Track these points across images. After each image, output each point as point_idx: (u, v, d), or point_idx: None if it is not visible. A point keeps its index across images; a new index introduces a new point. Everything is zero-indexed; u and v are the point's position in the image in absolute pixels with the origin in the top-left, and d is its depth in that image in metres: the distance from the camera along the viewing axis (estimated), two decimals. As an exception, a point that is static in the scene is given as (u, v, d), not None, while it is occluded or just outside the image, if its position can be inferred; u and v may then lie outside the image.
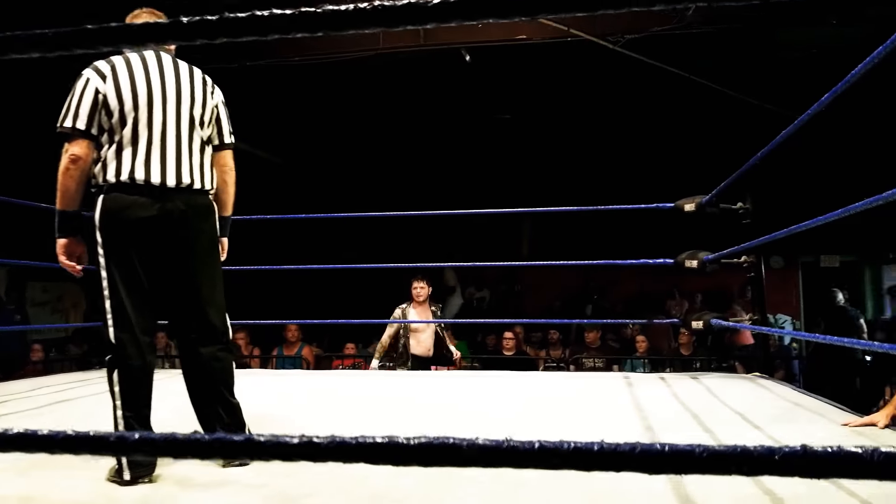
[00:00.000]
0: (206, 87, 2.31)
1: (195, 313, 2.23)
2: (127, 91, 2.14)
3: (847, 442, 2.42)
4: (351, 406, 3.39)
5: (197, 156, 2.23)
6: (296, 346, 6.86)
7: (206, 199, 2.27)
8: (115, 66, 2.17)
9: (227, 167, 2.38)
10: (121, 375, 2.12)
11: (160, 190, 2.15)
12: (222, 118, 2.35)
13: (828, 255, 12.17)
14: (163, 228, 2.15)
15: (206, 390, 2.24)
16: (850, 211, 2.24)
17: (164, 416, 2.38)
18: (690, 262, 4.28)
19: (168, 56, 2.27)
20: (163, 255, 2.17)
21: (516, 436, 2.41)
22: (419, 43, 5.74)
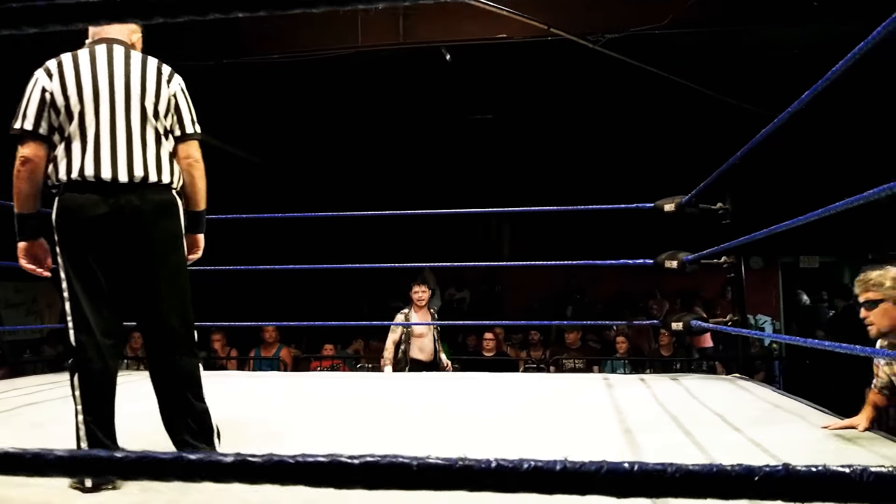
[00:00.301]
0: (162, 75, 2.17)
1: (154, 316, 2.15)
2: (72, 86, 2.06)
3: (827, 445, 2.40)
4: (323, 409, 3.32)
5: (152, 148, 2.11)
6: (274, 348, 6.76)
7: (165, 194, 2.14)
8: (63, 62, 2.10)
9: (192, 159, 2.23)
10: (80, 379, 2.05)
11: (112, 186, 2.05)
12: (182, 108, 2.21)
13: (807, 256, 12.24)
14: (116, 226, 2.06)
15: (171, 396, 2.16)
16: (830, 211, 2.21)
17: (135, 420, 2.30)
18: (670, 262, 4.25)
19: (121, 48, 2.16)
20: (119, 255, 2.08)
21: (489, 440, 2.36)
22: (399, 41, 5.66)
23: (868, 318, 2.49)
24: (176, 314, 2.14)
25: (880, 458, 2.17)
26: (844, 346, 1.91)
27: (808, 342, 2.33)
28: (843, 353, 2.01)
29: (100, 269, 2.06)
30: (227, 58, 5.91)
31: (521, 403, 3.46)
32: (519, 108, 8.10)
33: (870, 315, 2.48)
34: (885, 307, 2.44)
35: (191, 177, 2.23)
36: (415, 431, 2.76)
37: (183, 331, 2.16)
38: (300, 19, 5.95)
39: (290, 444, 2.49)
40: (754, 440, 2.46)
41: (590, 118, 8.15)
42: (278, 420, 2.97)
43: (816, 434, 2.55)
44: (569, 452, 2.11)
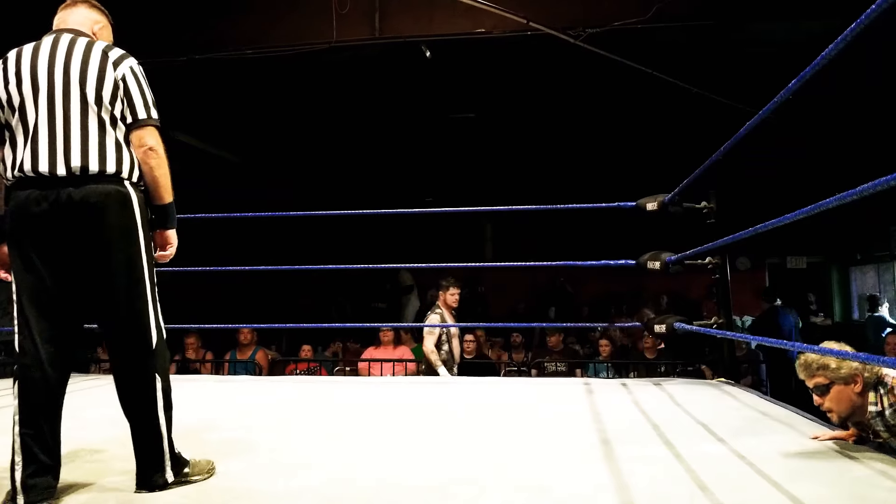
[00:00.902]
0: (108, 59, 2.01)
1: (105, 317, 1.98)
2: (13, 79, 1.98)
3: (816, 457, 2.25)
4: (291, 417, 3.14)
5: (94, 137, 1.95)
6: (249, 350, 6.55)
7: (111, 186, 1.96)
8: (9, 57, 2.03)
9: (146, 147, 2.03)
10: (20, 388, 1.90)
11: (50, 180, 1.92)
12: (132, 92, 2.02)
13: (795, 257, 12.18)
14: (58, 223, 1.91)
15: (127, 406, 1.99)
16: (819, 208, 2.05)
17: (100, 427, 2.12)
18: (653, 263, 4.11)
19: (69, 36, 2.03)
20: (63, 253, 1.93)
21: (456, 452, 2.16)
22: (374, 35, 5.50)
23: (824, 405, 2.30)
24: (128, 315, 1.96)
25: (874, 472, 2.02)
26: (841, 351, 1.76)
27: (797, 346, 2.17)
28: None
29: (45, 269, 1.93)
30: (199, 54, 5.73)
31: (494, 410, 3.30)
32: (500, 107, 7.96)
33: (824, 401, 2.29)
34: (837, 390, 2.25)
35: (147, 167, 2.04)
36: (379, 443, 2.59)
37: (137, 333, 1.98)
38: (274, 13, 5.79)
39: (251, 461, 2.32)
40: (739, 452, 2.31)
41: (571, 115, 8.03)
42: (242, 429, 2.80)
43: (805, 445, 2.40)
44: (541, 466, 1.96)
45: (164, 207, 2.09)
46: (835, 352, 1.73)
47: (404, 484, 2.03)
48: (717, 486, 1.93)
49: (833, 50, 1.94)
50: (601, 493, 1.92)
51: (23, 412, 1.88)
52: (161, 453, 1.97)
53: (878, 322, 9.36)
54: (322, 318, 10.29)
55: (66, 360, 1.97)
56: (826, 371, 2.24)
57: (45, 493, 1.84)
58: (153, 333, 1.99)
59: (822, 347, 1.84)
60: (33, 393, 1.89)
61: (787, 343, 1.70)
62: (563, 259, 5.03)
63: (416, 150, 9.54)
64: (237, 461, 2.26)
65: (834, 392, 2.26)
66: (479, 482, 2.03)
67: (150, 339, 1.99)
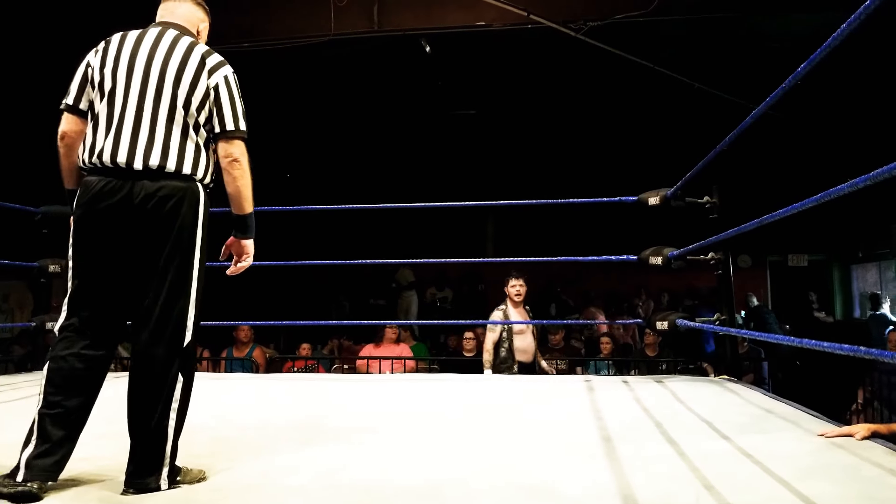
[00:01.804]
0: (205, 66, 2.03)
1: (149, 306, 1.95)
2: (110, 64, 2.01)
3: (824, 456, 2.19)
4: (283, 413, 3.08)
5: (177, 138, 1.99)
6: (247, 348, 6.51)
7: (183, 184, 1.98)
8: (111, 40, 2.07)
9: (231, 158, 2.07)
10: (49, 369, 1.90)
11: (126, 172, 1.95)
12: (223, 102, 2.05)
13: (796, 255, 12.13)
14: (128, 214, 1.93)
15: (137, 402, 1.93)
16: (822, 199, 2.00)
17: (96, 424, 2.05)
18: (655, 258, 4.07)
19: (174, 32, 2.07)
20: (127, 242, 1.95)
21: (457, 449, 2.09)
22: (372, 28, 5.44)
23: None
24: (170, 310, 1.95)
25: (884, 471, 1.96)
26: (845, 346, 1.70)
27: (803, 342, 2.11)
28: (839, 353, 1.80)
29: (106, 257, 1.95)
30: (194, 46, 5.65)
31: (492, 408, 3.24)
32: (502, 102, 7.91)
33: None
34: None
35: (231, 177, 2.08)
36: (373, 442, 2.53)
37: (174, 330, 1.95)
38: (272, 6, 5.73)
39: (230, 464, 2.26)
40: (744, 450, 2.25)
41: (573, 110, 7.97)
42: (231, 430, 2.74)
43: (812, 443, 2.34)
44: (541, 465, 1.89)
45: (244, 217, 2.15)
46: (845, 348, 1.67)
47: (398, 484, 1.97)
48: (722, 485, 1.87)
49: (833, 42, 1.89)
50: (603, 492, 1.86)
51: (48, 393, 1.87)
52: (161, 456, 1.90)
53: (881, 320, 9.33)
54: (321, 316, 10.24)
55: (106, 344, 1.96)
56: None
57: (44, 474, 1.81)
58: (188, 333, 1.98)
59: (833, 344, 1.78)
60: (65, 376, 1.88)
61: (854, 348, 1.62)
62: (563, 255, 4.97)
63: (417, 146, 9.48)
64: (227, 460, 2.20)
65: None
66: (475, 482, 1.97)
67: (185, 338, 1.97)
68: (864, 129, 7.69)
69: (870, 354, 1.51)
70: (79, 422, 1.90)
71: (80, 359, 1.90)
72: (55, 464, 1.83)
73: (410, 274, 10.98)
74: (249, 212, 2.15)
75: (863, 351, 1.63)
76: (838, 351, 1.67)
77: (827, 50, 1.97)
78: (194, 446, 2.26)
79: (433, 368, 6.18)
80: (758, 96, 2.59)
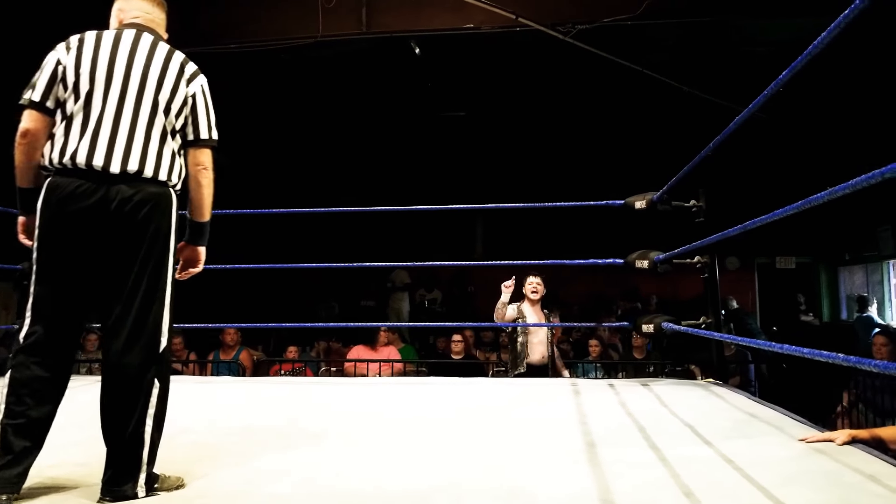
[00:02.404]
0: (184, 73, 2.06)
1: (122, 313, 1.92)
2: (87, 65, 1.97)
3: (805, 462, 2.19)
4: (267, 417, 3.06)
5: (155, 144, 1.99)
6: (233, 351, 6.46)
7: (158, 189, 1.98)
8: (85, 39, 2.02)
9: (201, 166, 2.10)
10: (11, 377, 1.86)
11: (102, 175, 1.92)
12: (199, 111, 2.08)
13: (784, 257, 12.19)
14: (102, 218, 1.91)
15: (112, 408, 1.90)
16: (810, 203, 2.00)
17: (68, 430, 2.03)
18: (641, 262, 4.07)
19: (150, 37, 2.06)
20: (99, 247, 1.92)
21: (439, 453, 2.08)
22: (361, 31, 5.43)
23: None
24: (147, 314, 1.93)
25: (864, 477, 1.96)
26: (824, 353, 1.70)
27: (784, 348, 2.11)
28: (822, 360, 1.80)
29: (75, 261, 1.91)
30: (180, 47, 5.61)
31: (479, 412, 3.23)
32: (491, 104, 7.91)
33: None
34: None
35: (198, 184, 2.11)
36: (358, 447, 2.51)
37: (149, 336, 1.93)
38: (259, 7, 5.71)
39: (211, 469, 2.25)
40: (726, 455, 2.25)
41: (561, 113, 7.99)
42: (213, 434, 2.72)
43: (794, 448, 2.34)
44: (525, 471, 1.89)
45: (204, 225, 2.17)
46: (825, 354, 1.67)
47: (383, 491, 1.96)
48: (702, 492, 1.87)
49: (818, 46, 1.90)
50: (585, 499, 1.86)
51: (9, 403, 1.84)
52: (138, 463, 1.88)
53: (867, 322, 9.39)
54: (311, 318, 10.20)
55: (73, 356, 1.96)
56: None
57: (8, 486, 1.79)
58: (164, 339, 1.97)
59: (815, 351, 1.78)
60: (25, 384, 1.84)
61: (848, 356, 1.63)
62: (551, 258, 4.97)
63: (406, 148, 9.47)
64: (209, 466, 2.19)
65: None
66: (461, 488, 1.96)
67: (161, 344, 1.96)
68: (850, 131, 7.73)
69: (848, 362, 1.51)
70: (42, 431, 1.87)
71: (44, 367, 1.86)
72: (18, 475, 1.81)
73: (406, 275, 10.96)
74: (208, 220, 2.17)
75: (841, 358, 1.63)
76: (818, 357, 1.67)
77: (811, 54, 1.97)
78: (175, 452, 2.24)
79: (421, 371, 6.16)
80: (744, 99, 2.60)
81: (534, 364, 5.07)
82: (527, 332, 5.08)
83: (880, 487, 1.87)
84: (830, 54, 1.99)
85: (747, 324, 7.99)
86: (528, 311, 5.14)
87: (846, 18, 1.66)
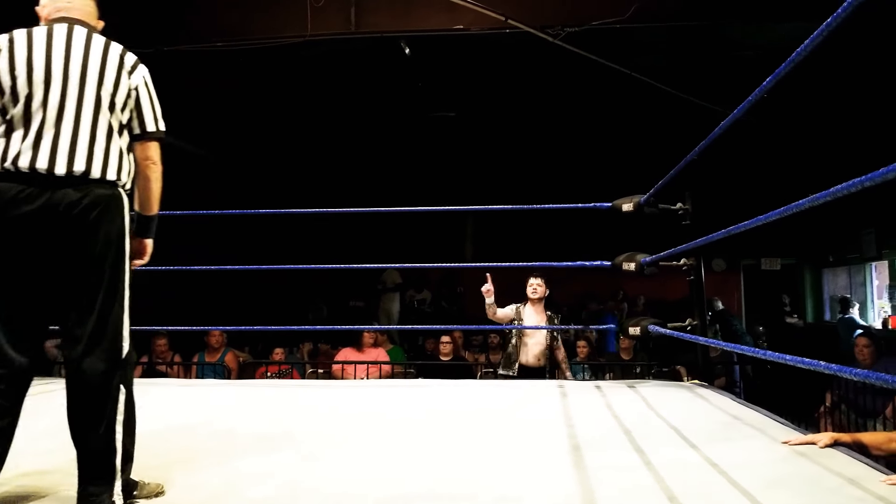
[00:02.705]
0: (124, 65, 1.98)
1: (80, 319, 1.87)
2: (22, 66, 1.88)
3: (788, 465, 2.21)
4: (250, 421, 3.05)
5: (102, 142, 1.92)
6: (219, 353, 6.42)
7: (108, 191, 1.92)
8: (15, 39, 1.92)
9: (150, 160, 2.05)
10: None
11: (46, 179, 1.85)
12: (143, 103, 2.02)
13: (769, 258, 12.28)
14: (49, 223, 1.83)
15: (80, 416, 1.86)
16: (794, 209, 2.01)
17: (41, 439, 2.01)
18: (628, 264, 4.08)
19: (83, 30, 1.97)
20: (49, 253, 1.85)
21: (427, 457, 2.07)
22: (350, 30, 5.41)
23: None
24: (106, 321, 1.88)
25: (845, 481, 1.98)
26: (806, 360, 1.71)
27: (767, 354, 2.13)
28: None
29: (24, 268, 1.84)
30: (167, 45, 5.60)
31: (464, 416, 3.23)
32: (480, 105, 7.91)
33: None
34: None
35: (146, 179, 2.07)
36: (341, 451, 2.51)
37: (111, 341, 1.89)
38: (247, 5, 5.68)
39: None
40: (711, 459, 2.26)
41: (550, 115, 8.01)
42: (193, 439, 2.71)
43: (777, 451, 2.36)
44: (509, 476, 1.89)
45: (150, 218, 2.12)
46: (806, 361, 1.68)
47: (365, 496, 1.96)
48: (686, 496, 1.88)
49: (805, 50, 1.91)
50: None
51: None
52: (112, 470, 1.83)
53: (849, 323, 9.47)
54: (299, 319, 10.17)
55: (30, 365, 1.87)
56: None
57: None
58: (125, 343, 1.92)
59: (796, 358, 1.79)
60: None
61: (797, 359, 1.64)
62: (540, 259, 4.98)
63: (396, 148, 9.46)
64: (190, 471, 2.17)
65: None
66: (443, 494, 1.96)
67: (123, 348, 1.91)
68: (836, 134, 7.80)
69: (829, 370, 1.53)
70: (6, 442, 1.82)
71: (1, 380, 1.81)
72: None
73: (398, 275, 10.92)
74: (156, 213, 2.13)
75: (822, 366, 1.64)
76: (800, 365, 1.68)
77: (796, 60, 1.99)
78: (156, 457, 2.23)
79: (409, 373, 6.16)
80: (731, 103, 2.61)
81: (528, 366, 5.00)
82: (521, 334, 5.01)
83: (861, 491, 1.89)
84: (817, 59, 2.00)
85: (732, 325, 8.06)
86: (528, 311, 5.06)
87: (832, 24, 1.67)
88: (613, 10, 5.15)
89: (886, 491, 1.86)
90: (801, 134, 7.89)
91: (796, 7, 4.99)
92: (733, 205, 5.88)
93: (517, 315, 5.07)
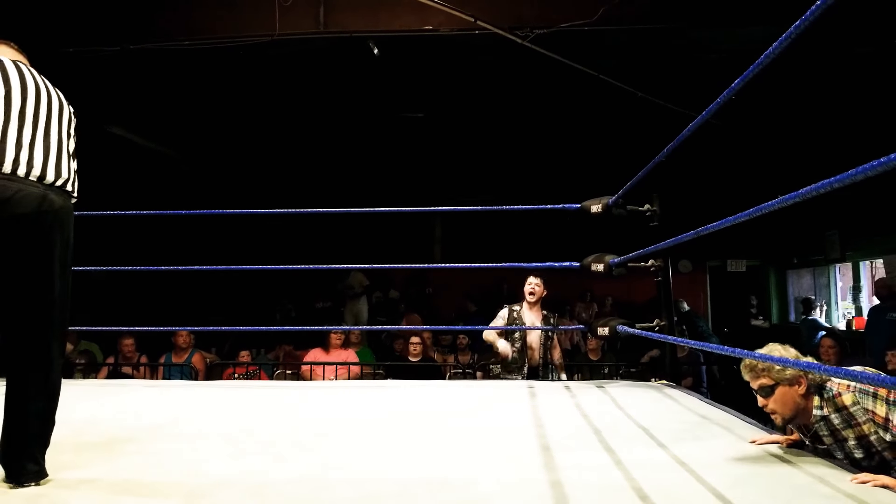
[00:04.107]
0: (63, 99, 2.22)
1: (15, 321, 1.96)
2: (16, 81, 2.04)
3: (756, 464, 2.23)
4: (212, 422, 2.99)
5: (71, 161, 2.16)
6: (186, 353, 6.31)
7: (71, 203, 2.15)
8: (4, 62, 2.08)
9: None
10: None
11: (41, 184, 2.02)
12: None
13: (735, 260, 12.46)
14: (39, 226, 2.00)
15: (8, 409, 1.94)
16: (761, 211, 2.03)
17: None
18: (597, 265, 4.11)
19: (34, 70, 2.16)
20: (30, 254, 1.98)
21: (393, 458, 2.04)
22: (318, 30, 5.36)
23: (768, 407, 2.26)
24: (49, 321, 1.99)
25: (813, 479, 2.01)
26: (775, 357, 1.73)
27: (737, 352, 2.15)
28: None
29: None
30: (132, 44, 5.48)
31: (433, 416, 3.21)
32: (450, 106, 7.90)
33: (769, 403, 2.24)
34: (781, 392, 2.20)
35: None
36: (304, 453, 2.47)
37: (45, 341, 1.98)
38: (214, 3, 5.60)
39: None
40: (679, 458, 2.28)
41: (519, 116, 8.03)
42: (150, 442, 2.65)
43: (744, 450, 2.39)
44: (477, 477, 1.87)
45: None
46: (776, 359, 1.70)
47: (331, 500, 1.93)
48: (655, 495, 1.89)
49: (771, 54, 1.93)
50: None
51: None
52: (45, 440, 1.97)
53: (812, 325, 9.63)
54: (267, 320, 10.05)
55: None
56: (771, 372, 2.19)
57: None
58: (55, 342, 2.01)
59: (763, 354, 1.81)
60: None
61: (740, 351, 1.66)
62: (509, 260, 4.98)
63: (364, 148, 9.41)
64: (155, 474, 2.12)
65: (778, 394, 2.21)
66: (408, 496, 1.94)
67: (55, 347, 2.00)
68: (801, 136, 7.94)
69: (797, 367, 1.54)
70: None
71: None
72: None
73: (364, 278, 10.81)
74: None
75: (791, 363, 1.65)
76: (770, 362, 1.69)
77: (763, 63, 2.01)
78: (120, 460, 2.18)
79: (378, 374, 6.12)
80: (698, 105, 2.64)
81: (530, 366, 4.97)
82: (525, 335, 4.95)
83: (828, 488, 1.91)
84: (783, 62, 2.03)
85: (699, 326, 8.16)
86: (525, 312, 5.03)
87: (797, 28, 1.69)
88: (582, 12, 5.17)
89: (854, 489, 1.89)
90: (766, 137, 8.02)
91: (761, 11, 5.07)
92: (700, 206, 5.96)
93: (515, 317, 5.01)
